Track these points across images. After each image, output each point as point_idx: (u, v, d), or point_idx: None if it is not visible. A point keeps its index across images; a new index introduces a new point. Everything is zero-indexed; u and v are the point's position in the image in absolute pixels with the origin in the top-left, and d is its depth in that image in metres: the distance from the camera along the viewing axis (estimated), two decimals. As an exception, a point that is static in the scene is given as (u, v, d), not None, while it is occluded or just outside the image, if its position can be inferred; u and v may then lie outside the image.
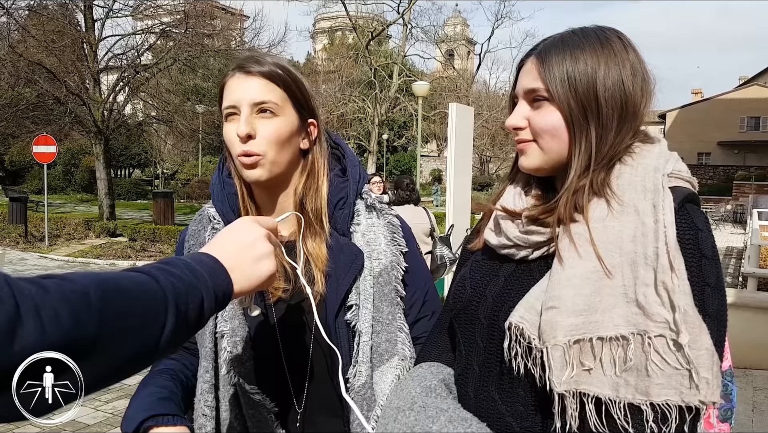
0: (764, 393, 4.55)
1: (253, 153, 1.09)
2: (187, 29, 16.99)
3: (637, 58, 0.95)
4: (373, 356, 1.14)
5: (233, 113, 1.10)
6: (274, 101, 1.10)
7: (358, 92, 37.06)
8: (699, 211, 0.91)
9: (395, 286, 1.18)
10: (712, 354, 0.80)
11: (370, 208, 1.22)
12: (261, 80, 1.10)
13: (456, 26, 51.16)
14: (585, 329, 0.84)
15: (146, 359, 0.69)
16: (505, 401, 0.94)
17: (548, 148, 0.95)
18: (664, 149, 0.95)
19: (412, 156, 40.98)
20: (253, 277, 0.83)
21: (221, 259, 0.80)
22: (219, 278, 0.78)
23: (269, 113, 1.10)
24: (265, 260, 0.84)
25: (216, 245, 0.83)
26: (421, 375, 1.03)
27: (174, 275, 0.72)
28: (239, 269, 0.81)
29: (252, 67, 1.10)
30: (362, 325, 1.14)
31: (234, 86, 1.11)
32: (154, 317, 0.67)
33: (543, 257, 0.95)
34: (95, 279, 0.64)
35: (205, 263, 0.78)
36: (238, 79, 1.11)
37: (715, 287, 0.86)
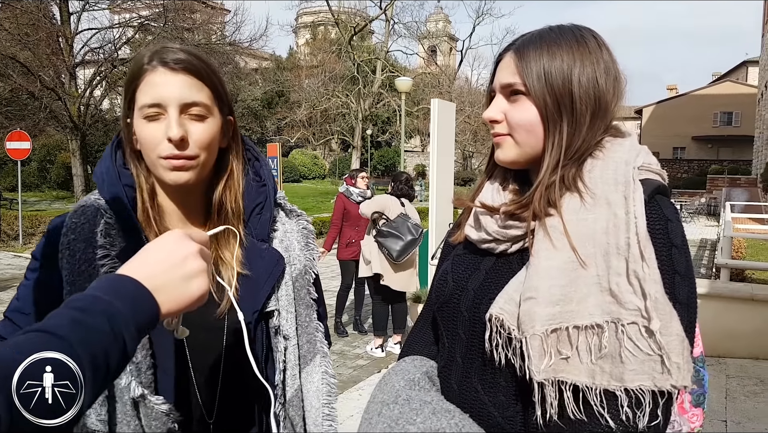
0: (737, 380, 4.67)
1: (184, 156, 1.01)
2: (167, 23, 16.79)
3: (610, 58, 0.96)
4: (299, 359, 1.16)
5: (157, 111, 1.01)
6: (204, 102, 1.04)
7: (341, 87, 36.93)
8: (669, 203, 0.92)
9: (308, 289, 1.19)
10: (683, 340, 0.82)
11: (288, 213, 1.22)
12: (188, 78, 1.02)
13: (438, 22, 51.20)
14: (561, 318, 0.85)
15: None
16: (487, 391, 0.96)
17: (523, 142, 0.97)
18: (634, 143, 0.97)
19: (396, 151, 40.97)
20: (182, 298, 0.76)
21: (145, 279, 0.73)
22: (142, 305, 0.72)
23: (199, 115, 1.03)
24: (196, 279, 0.78)
25: (140, 263, 0.76)
26: (404, 369, 1.04)
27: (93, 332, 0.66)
28: (166, 290, 0.74)
29: (177, 63, 1.02)
30: (288, 329, 1.14)
31: (158, 82, 1.01)
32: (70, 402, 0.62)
33: (521, 250, 0.97)
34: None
35: (125, 292, 0.71)
36: (163, 75, 1.01)
37: (685, 275, 0.87)
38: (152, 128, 1.01)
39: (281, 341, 1.14)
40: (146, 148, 1.03)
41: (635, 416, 0.83)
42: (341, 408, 4.25)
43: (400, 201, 5.84)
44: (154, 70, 1.01)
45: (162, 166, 1.02)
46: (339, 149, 46.01)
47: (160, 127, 1.00)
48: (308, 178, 40.63)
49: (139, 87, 1.02)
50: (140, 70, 1.02)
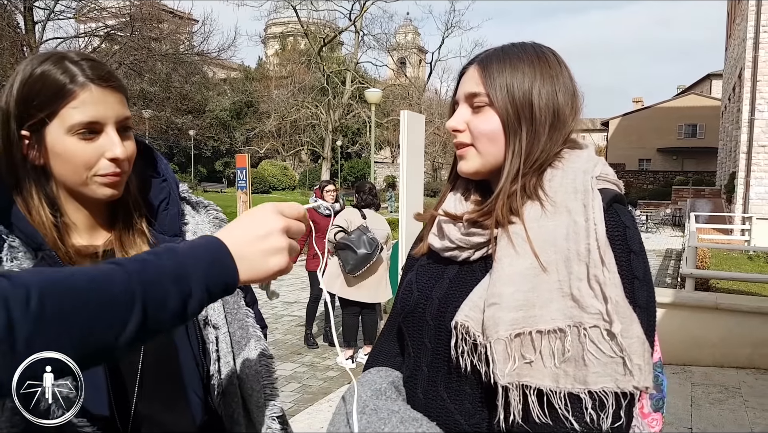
0: (702, 388, 4.73)
1: (120, 173, 1.01)
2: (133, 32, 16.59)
3: (568, 75, 1.01)
4: (232, 346, 1.16)
5: (92, 130, 0.98)
6: (129, 116, 1.04)
7: (311, 98, 36.95)
8: (626, 211, 0.95)
9: None
10: (643, 342, 0.85)
11: (194, 205, 1.21)
12: (119, 96, 1.02)
13: (407, 34, 51.70)
14: (525, 323, 0.87)
15: (103, 357, 0.66)
16: (453, 399, 0.97)
17: (485, 152, 1.00)
18: (592, 154, 1.00)
19: (366, 162, 41.08)
20: (260, 271, 0.79)
21: (232, 246, 0.77)
22: (221, 266, 0.76)
23: (126, 129, 1.03)
24: (276, 255, 0.80)
25: (229, 231, 0.80)
26: (370, 380, 1.05)
27: (154, 268, 0.69)
28: (247, 260, 0.78)
29: (109, 80, 1.00)
30: (216, 318, 1.15)
31: (94, 100, 0.98)
32: (111, 317, 0.64)
33: (484, 258, 0.99)
34: (41, 278, 0.62)
35: (209, 251, 0.76)
36: (98, 93, 0.98)
37: (643, 280, 0.90)
38: (88, 148, 0.98)
39: (212, 331, 1.14)
40: (76, 165, 0.99)
41: (599, 417, 0.84)
42: (311, 420, 4.19)
43: (361, 213, 5.89)
44: (86, 88, 0.97)
45: (96, 183, 1.01)
46: (309, 160, 45.95)
47: (95, 146, 0.98)
48: (278, 189, 40.45)
49: (70, 104, 0.96)
50: (67, 86, 0.96)
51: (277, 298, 0.97)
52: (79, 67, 0.97)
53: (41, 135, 0.98)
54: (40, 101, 0.96)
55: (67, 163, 0.99)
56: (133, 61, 16.85)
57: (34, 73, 0.97)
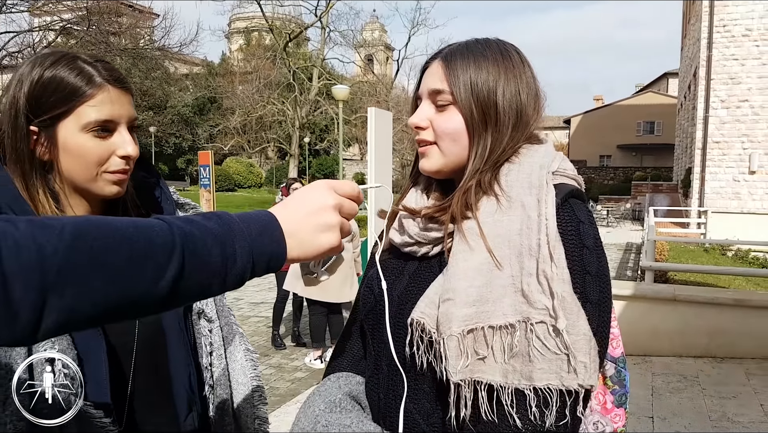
0: (662, 378, 4.87)
1: (127, 171, 1.06)
2: (90, 26, 16.13)
3: (531, 75, 1.00)
4: (223, 340, 1.20)
5: (106, 128, 1.03)
6: (137, 116, 1.10)
7: (277, 94, 36.53)
8: (582, 206, 0.95)
9: None
10: (590, 339, 0.84)
11: (181, 206, 1.23)
12: (130, 97, 1.07)
13: (374, 31, 51.63)
14: (478, 318, 0.86)
15: (142, 306, 0.63)
16: (412, 398, 0.96)
17: (448, 151, 0.99)
18: (550, 149, 1.00)
19: (335, 160, 40.87)
20: (310, 247, 0.78)
21: (283, 220, 0.76)
22: (270, 238, 0.74)
23: (133, 129, 1.08)
24: (327, 233, 0.79)
25: (283, 205, 0.79)
26: (326, 390, 1.03)
27: (197, 226, 0.68)
28: (298, 236, 0.76)
29: (124, 84, 1.05)
30: (210, 312, 1.18)
31: (111, 99, 1.03)
32: (147, 261, 0.61)
33: (442, 253, 0.98)
34: (79, 218, 0.61)
35: (259, 221, 0.74)
36: (115, 93, 1.03)
37: (596, 275, 0.89)
38: (101, 145, 1.02)
39: (205, 325, 1.17)
40: (88, 161, 1.02)
41: (542, 415, 0.83)
42: (278, 423, 4.17)
43: None
44: (104, 88, 1.02)
45: (105, 180, 1.04)
46: (276, 157, 45.49)
47: (108, 144, 1.03)
48: (243, 186, 39.94)
49: (88, 103, 1.00)
50: (85, 86, 1.00)
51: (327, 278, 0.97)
52: (95, 69, 1.02)
53: (52, 131, 1.01)
54: (55, 100, 1.00)
55: (79, 159, 1.02)
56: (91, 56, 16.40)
57: (46, 73, 1.00)
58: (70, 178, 1.04)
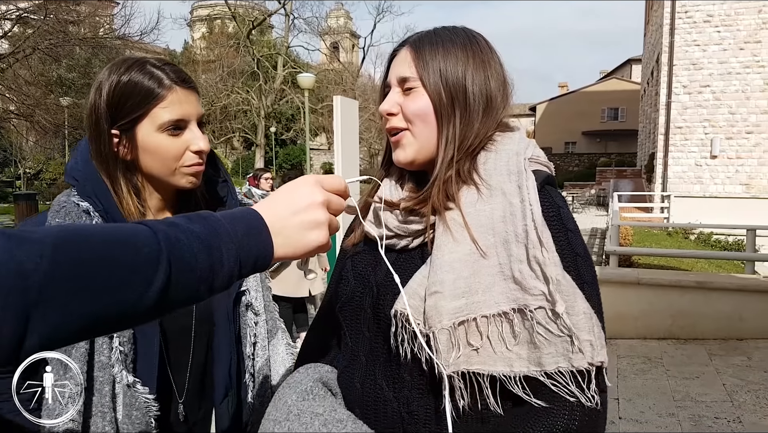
0: (627, 360, 4.99)
1: (201, 163, 1.15)
2: (47, 15, 15.66)
3: (499, 62, 1.01)
4: (267, 333, 1.28)
5: (178, 126, 1.12)
6: (204, 113, 1.18)
7: (241, 83, 36.05)
8: (557, 192, 0.97)
9: (265, 273, 1.32)
10: (591, 317, 0.85)
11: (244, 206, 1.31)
12: (197, 95, 1.16)
13: (339, 18, 51.20)
14: (468, 309, 0.87)
15: (129, 318, 0.61)
16: (391, 387, 0.96)
17: (420, 134, 0.98)
18: (523, 136, 1.01)
19: (302, 149, 40.58)
20: (298, 245, 0.76)
21: (269, 218, 0.74)
22: (256, 238, 0.72)
23: (201, 125, 1.17)
24: (315, 230, 0.77)
25: (269, 203, 0.77)
26: (297, 380, 1.02)
27: (183, 230, 0.66)
28: (285, 234, 0.75)
29: (190, 84, 1.14)
30: (258, 306, 1.25)
31: (180, 100, 1.11)
32: (133, 273, 0.59)
33: (422, 245, 0.98)
34: (59, 230, 0.58)
35: (244, 221, 0.72)
36: (182, 94, 1.12)
37: (584, 256, 0.92)
38: (176, 142, 1.12)
39: (252, 317, 1.24)
40: (166, 158, 1.12)
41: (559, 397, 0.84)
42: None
43: None
44: (173, 90, 1.10)
45: (182, 173, 1.14)
46: (242, 147, 44.98)
47: (182, 141, 1.12)
48: (210, 177, 39.28)
49: (160, 105, 1.09)
50: (156, 89, 1.09)
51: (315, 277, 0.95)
52: (164, 72, 1.11)
53: (132, 133, 1.11)
54: (131, 105, 1.09)
55: (157, 157, 1.12)
56: (49, 46, 15.93)
57: (122, 80, 1.09)
58: (150, 174, 1.14)
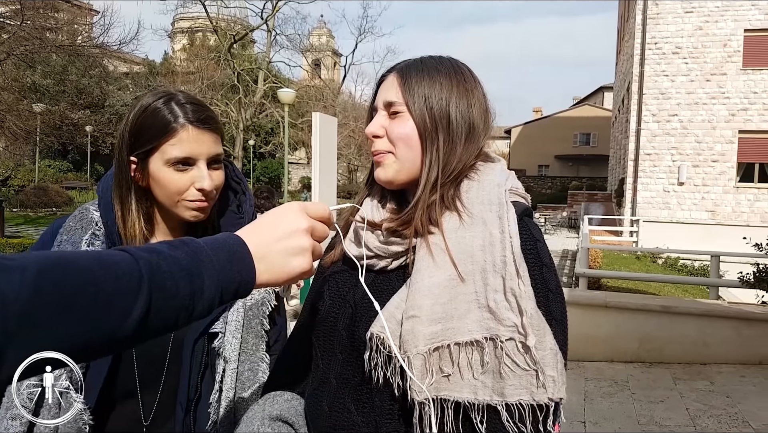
0: (594, 382, 5.04)
1: (208, 200, 1.18)
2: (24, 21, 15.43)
3: (482, 92, 1.04)
4: (237, 383, 1.21)
5: (186, 163, 1.15)
6: (220, 153, 1.20)
7: (220, 95, 35.82)
8: (534, 224, 0.98)
9: (262, 320, 1.27)
10: (556, 353, 0.86)
11: None
12: (212, 135, 1.18)
13: (321, 36, 51.44)
14: (443, 336, 0.86)
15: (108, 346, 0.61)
16: (360, 411, 0.95)
17: (403, 157, 0.99)
18: (504, 168, 1.03)
19: (280, 163, 40.34)
20: (281, 272, 0.76)
21: (252, 244, 0.73)
22: (239, 264, 0.71)
23: (217, 164, 1.19)
24: (298, 257, 0.77)
25: (253, 229, 0.77)
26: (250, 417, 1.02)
27: (164, 257, 0.65)
28: (268, 260, 0.74)
29: (205, 123, 1.16)
30: (230, 353, 1.21)
31: (191, 139, 1.14)
32: (114, 300, 0.59)
33: (401, 267, 0.98)
34: (42, 256, 0.58)
35: (227, 247, 0.72)
36: (194, 133, 1.14)
37: (556, 292, 0.93)
38: (181, 178, 1.15)
39: (221, 364, 1.20)
40: (170, 191, 1.16)
41: (517, 430, 0.85)
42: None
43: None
44: (185, 128, 1.14)
45: (185, 207, 1.18)
46: (219, 159, 44.42)
47: (187, 177, 1.15)
48: (185, 189, 38.78)
49: (169, 141, 1.14)
50: (170, 126, 1.13)
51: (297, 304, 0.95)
52: (183, 110, 1.15)
53: (146, 163, 1.16)
54: (148, 135, 1.14)
55: (163, 188, 1.17)
56: (24, 52, 15.69)
57: (145, 111, 1.15)
58: (159, 202, 1.20)
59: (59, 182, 28.96)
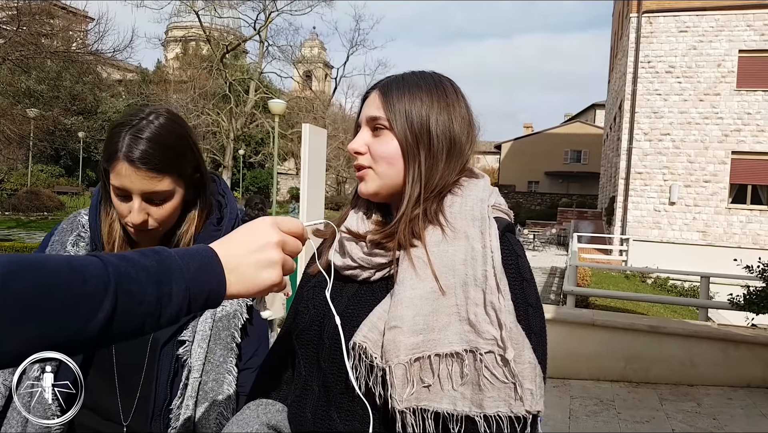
0: (579, 401, 5.02)
1: (146, 228, 1.19)
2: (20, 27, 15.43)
3: (465, 106, 1.05)
4: (199, 392, 1.22)
5: (123, 194, 1.17)
6: (164, 190, 1.17)
7: (212, 105, 35.88)
8: (516, 240, 1.00)
9: (233, 332, 1.27)
10: (534, 367, 0.88)
11: None
12: (149, 174, 1.15)
13: (313, 48, 51.69)
14: (424, 346, 0.88)
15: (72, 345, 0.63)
16: (343, 419, 0.96)
17: (384, 174, 1.02)
18: (488, 184, 1.05)
19: (270, 173, 40.36)
20: (251, 283, 0.78)
21: (224, 256, 0.76)
22: (209, 274, 0.74)
23: (160, 200, 1.18)
24: (268, 269, 0.79)
25: (227, 241, 0.80)
26: (244, 420, 1.03)
27: (134, 264, 0.68)
28: (238, 272, 0.77)
29: (142, 161, 1.14)
30: (194, 362, 1.22)
31: (123, 173, 1.14)
32: (79, 302, 0.62)
33: (384, 279, 1.00)
34: (14, 258, 0.61)
35: (198, 257, 0.74)
36: (128, 170, 1.14)
37: (536, 307, 0.94)
38: (122, 204, 1.18)
39: (185, 371, 1.22)
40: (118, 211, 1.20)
41: None
42: None
43: None
44: (121, 163, 1.14)
45: (130, 229, 1.20)
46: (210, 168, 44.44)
47: (127, 206, 1.17)
48: (174, 197, 38.62)
49: (113, 169, 1.16)
50: (113, 156, 1.15)
51: (269, 315, 0.96)
52: (124, 143, 1.15)
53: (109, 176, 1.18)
54: (105, 156, 1.18)
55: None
56: (20, 57, 15.66)
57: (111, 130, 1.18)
58: None
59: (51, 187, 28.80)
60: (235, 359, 1.27)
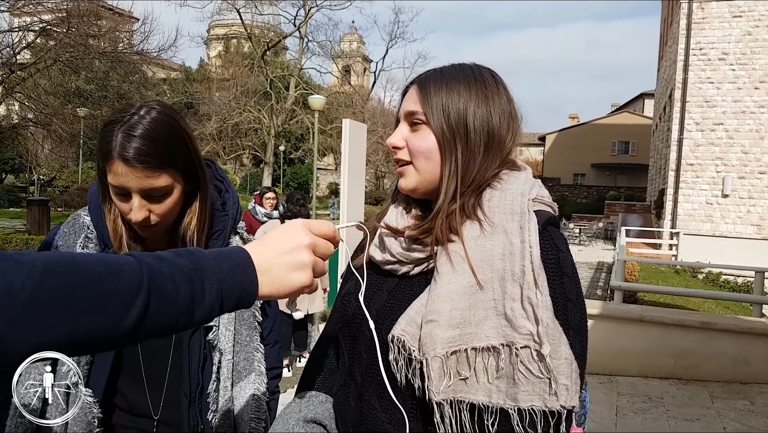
0: (626, 398, 4.92)
1: (149, 224, 1.19)
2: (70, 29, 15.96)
3: (506, 97, 1.04)
4: (233, 373, 1.28)
5: (122, 192, 1.16)
6: (162, 186, 1.16)
7: (253, 102, 36.42)
8: (559, 234, 0.99)
9: (254, 312, 1.32)
10: (571, 363, 0.88)
11: (245, 242, 1.34)
12: (147, 171, 1.13)
13: (352, 43, 51.92)
14: (461, 340, 0.90)
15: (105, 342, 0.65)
16: (384, 408, 0.98)
17: (422, 169, 1.02)
18: (529, 176, 1.04)
19: (309, 169, 40.80)
20: (282, 285, 0.80)
21: (256, 258, 0.78)
22: (241, 275, 0.76)
23: (160, 195, 1.17)
24: (299, 271, 0.81)
25: (259, 243, 0.82)
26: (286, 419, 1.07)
27: (168, 263, 0.70)
28: (270, 273, 0.79)
29: (137, 159, 1.12)
30: (224, 345, 1.26)
31: (119, 172, 1.13)
32: (114, 299, 0.64)
33: (423, 273, 1.01)
34: (52, 255, 0.63)
35: (231, 259, 0.76)
36: (123, 169, 1.13)
37: (576, 302, 0.94)
38: (122, 203, 1.18)
39: (216, 355, 1.26)
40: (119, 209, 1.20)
41: None
42: None
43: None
44: (116, 162, 1.13)
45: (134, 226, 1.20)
46: (251, 164, 45.28)
47: (125, 205, 1.17)
48: (219, 193, 39.43)
49: (108, 168, 1.15)
50: (108, 154, 1.13)
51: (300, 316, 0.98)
52: (117, 141, 1.13)
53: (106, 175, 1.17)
54: (100, 155, 1.16)
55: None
56: (69, 58, 16.21)
57: (103, 129, 1.16)
58: None
59: (100, 184, 29.74)
60: (259, 337, 1.32)
